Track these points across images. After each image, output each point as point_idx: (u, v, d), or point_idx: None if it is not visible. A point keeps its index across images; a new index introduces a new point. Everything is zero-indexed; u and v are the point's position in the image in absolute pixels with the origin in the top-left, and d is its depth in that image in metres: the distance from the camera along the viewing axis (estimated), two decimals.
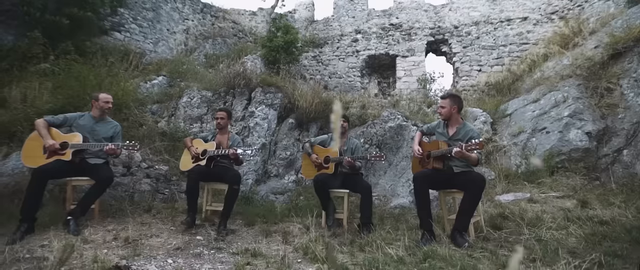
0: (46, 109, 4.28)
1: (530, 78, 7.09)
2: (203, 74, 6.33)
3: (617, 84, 5.39)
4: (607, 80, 5.51)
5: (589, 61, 5.96)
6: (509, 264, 0.84)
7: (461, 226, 2.59)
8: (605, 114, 5.34)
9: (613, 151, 4.88)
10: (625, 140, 4.85)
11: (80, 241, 2.64)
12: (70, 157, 3.08)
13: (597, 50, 6.03)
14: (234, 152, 3.39)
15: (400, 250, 2.32)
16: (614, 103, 5.29)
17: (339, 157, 3.61)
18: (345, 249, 2.64)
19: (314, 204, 4.46)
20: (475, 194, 2.63)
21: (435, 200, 3.91)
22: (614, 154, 4.84)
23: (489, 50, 8.36)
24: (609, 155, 4.91)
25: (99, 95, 3.39)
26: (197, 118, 5.38)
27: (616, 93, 5.33)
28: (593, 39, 6.48)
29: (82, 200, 3.03)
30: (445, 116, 3.10)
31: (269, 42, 8.00)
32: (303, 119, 5.84)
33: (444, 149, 2.97)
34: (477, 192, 2.63)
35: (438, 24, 9.10)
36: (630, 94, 5.11)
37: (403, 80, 8.76)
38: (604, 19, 6.60)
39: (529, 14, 8.44)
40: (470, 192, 2.64)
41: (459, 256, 2.12)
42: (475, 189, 2.63)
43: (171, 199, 4.19)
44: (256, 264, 2.31)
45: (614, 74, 5.48)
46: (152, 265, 2.28)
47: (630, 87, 5.16)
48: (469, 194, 2.64)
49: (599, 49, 6.02)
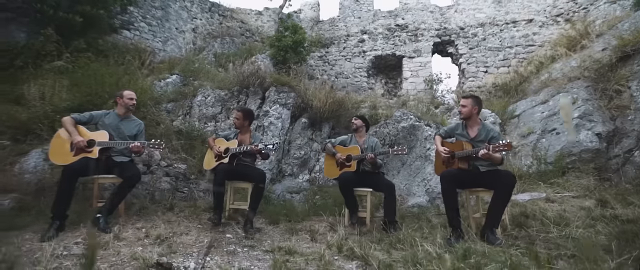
0: (64, 106, 4.27)
1: (537, 79, 7.19)
2: (215, 73, 6.33)
3: (626, 85, 5.49)
4: (616, 82, 5.60)
5: (597, 63, 6.05)
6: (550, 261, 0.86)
7: (492, 224, 2.64)
8: (615, 115, 5.43)
9: (624, 152, 4.97)
10: (636, 141, 4.94)
11: (113, 238, 2.64)
12: (98, 154, 3.08)
13: (605, 53, 6.13)
14: (255, 147, 3.41)
15: (436, 247, 2.35)
16: (623, 105, 5.39)
17: (361, 154, 3.64)
18: (377, 246, 2.67)
19: (331, 203, 4.50)
20: (506, 192, 2.68)
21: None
22: (625, 154, 4.93)
23: (495, 51, 8.45)
24: (620, 155, 5.00)
25: (124, 92, 3.39)
26: (211, 117, 5.38)
27: (625, 95, 5.43)
28: (600, 41, 6.58)
29: (110, 198, 3.03)
30: (465, 115, 3.15)
31: (278, 41, 8.01)
32: (316, 119, 5.87)
33: (469, 150, 3.02)
34: (508, 190, 2.68)
35: (444, 25, 9.18)
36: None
37: (410, 81, 8.82)
38: (611, 22, 6.71)
39: (534, 16, 8.54)
40: (500, 190, 2.69)
41: (496, 253, 2.16)
42: (507, 187, 2.68)
43: (190, 197, 4.20)
44: (295, 261, 2.33)
45: (623, 76, 5.57)
46: (191, 262, 2.29)
47: (639, 89, 5.25)
48: (499, 192, 2.69)
49: (606, 51, 6.12)
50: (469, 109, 3.13)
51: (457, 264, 1.92)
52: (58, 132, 3.15)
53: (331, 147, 3.87)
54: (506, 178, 2.72)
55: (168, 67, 6.01)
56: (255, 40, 9.05)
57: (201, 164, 4.57)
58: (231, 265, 2.29)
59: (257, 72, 5.55)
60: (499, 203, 2.68)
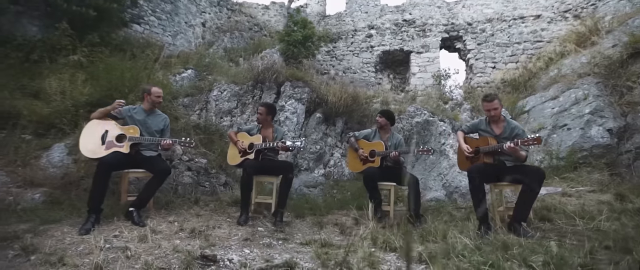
0: (83, 101, 4.27)
1: (546, 75, 7.26)
2: (228, 68, 6.33)
3: (637, 82, 5.56)
4: (627, 79, 5.68)
5: (608, 59, 6.12)
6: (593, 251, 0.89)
7: (521, 217, 2.71)
8: (626, 111, 5.52)
9: (635, 148, 5.06)
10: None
11: (150, 232, 2.67)
12: (129, 149, 3.10)
13: (616, 49, 6.19)
14: (283, 144, 3.44)
15: (470, 239, 2.42)
16: (634, 101, 5.47)
17: (386, 150, 3.69)
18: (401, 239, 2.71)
19: (350, 197, 4.56)
20: (536, 186, 2.74)
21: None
22: (637, 150, 5.02)
23: (503, 47, 8.50)
24: (631, 151, 5.09)
25: (152, 88, 3.41)
26: (227, 112, 5.40)
27: (636, 91, 5.51)
28: (610, 37, 6.65)
29: (142, 193, 3.06)
30: (498, 116, 3.20)
31: (287, 36, 8.00)
32: (330, 114, 5.90)
33: (495, 145, 3.08)
34: (537, 185, 2.74)
35: (451, 21, 9.20)
36: None
37: (418, 76, 8.85)
38: (621, 18, 6.77)
39: (542, 12, 8.58)
40: (530, 185, 2.75)
41: (533, 244, 2.23)
42: (536, 181, 2.74)
43: (212, 192, 4.24)
44: (334, 253, 2.38)
45: (634, 72, 5.65)
46: (234, 255, 2.34)
47: None
48: (528, 186, 2.75)
49: (617, 47, 6.19)
50: (499, 111, 3.19)
51: (499, 254, 1.98)
52: (87, 125, 3.16)
53: (354, 141, 3.91)
54: (536, 173, 2.79)
55: (181, 61, 6.00)
56: (263, 35, 9.02)
57: (221, 158, 4.63)
58: (272, 257, 2.34)
59: (272, 66, 5.56)
60: (528, 197, 2.74)
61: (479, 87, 8.28)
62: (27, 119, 4.02)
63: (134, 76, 4.49)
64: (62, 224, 2.75)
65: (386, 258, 2.27)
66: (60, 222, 2.79)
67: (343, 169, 5.66)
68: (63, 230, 2.64)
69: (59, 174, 3.59)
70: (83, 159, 3.74)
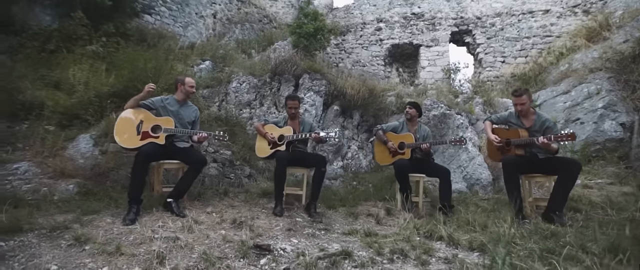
0: (106, 91, 4.22)
1: (557, 70, 7.33)
2: (243, 60, 6.29)
3: None
4: (639, 74, 5.77)
5: (619, 54, 6.20)
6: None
7: (557, 207, 2.77)
8: (638, 106, 5.62)
9: None
10: None
11: (193, 222, 2.68)
12: (164, 140, 3.09)
13: (627, 44, 6.28)
14: (316, 135, 3.45)
15: (513, 228, 2.46)
16: None
17: (416, 142, 3.72)
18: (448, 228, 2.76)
19: (371, 189, 4.60)
20: (573, 178, 2.80)
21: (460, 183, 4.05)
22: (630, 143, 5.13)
23: (513, 41, 8.55)
24: (639, 147, 5.20)
25: (185, 79, 3.39)
26: (246, 104, 5.38)
27: None
28: (621, 33, 6.73)
29: (180, 184, 3.06)
30: (526, 111, 3.25)
31: (299, 28, 7.95)
32: (347, 106, 5.92)
33: (526, 138, 3.13)
34: (574, 176, 2.80)
35: (460, 15, 9.22)
36: None
37: (427, 70, 8.88)
38: (632, 13, 6.84)
39: (551, 7, 8.64)
40: (566, 176, 2.80)
41: (577, 233, 2.28)
42: (574, 173, 2.80)
43: (237, 184, 4.24)
44: (382, 241, 2.41)
45: None
46: (287, 245, 2.36)
47: None
48: (565, 177, 2.81)
49: (629, 43, 6.27)
50: (528, 105, 3.24)
51: (552, 242, 2.03)
52: (122, 115, 3.14)
53: (382, 134, 3.93)
54: (573, 165, 2.85)
55: (195, 53, 5.94)
56: (273, 27, 8.95)
57: (244, 151, 4.63)
58: (324, 246, 2.37)
59: (291, 59, 5.53)
60: (564, 187, 2.80)
61: (488, 81, 8.34)
62: (50, 109, 3.96)
63: (157, 67, 4.44)
64: (102, 215, 2.74)
65: (435, 246, 2.30)
66: (99, 212, 2.78)
67: (361, 161, 5.70)
68: (106, 220, 2.63)
69: (88, 165, 3.56)
70: (111, 150, 3.73)
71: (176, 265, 1.87)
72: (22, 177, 3.24)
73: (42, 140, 3.69)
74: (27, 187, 3.10)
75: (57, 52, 4.85)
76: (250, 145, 4.80)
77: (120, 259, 1.99)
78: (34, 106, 4.00)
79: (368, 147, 5.95)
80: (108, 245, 2.17)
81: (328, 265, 2.00)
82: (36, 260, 1.95)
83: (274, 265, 2.04)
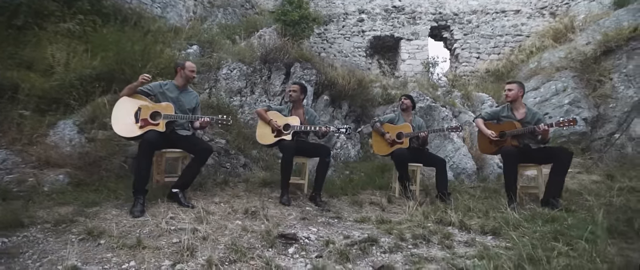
0: (88, 74, 3.91)
1: (527, 67, 7.87)
2: (230, 45, 6.07)
3: (609, 77, 6.27)
4: (600, 74, 6.37)
5: (583, 55, 6.78)
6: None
7: (554, 193, 3.03)
8: (598, 103, 6.22)
9: (607, 135, 5.76)
10: (617, 126, 5.74)
11: (205, 213, 2.61)
12: (164, 128, 2.94)
13: (589, 46, 6.87)
14: (325, 129, 3.46)
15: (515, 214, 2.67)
16: (605, 94, 6.17)
17: (414, 132, 3.86)
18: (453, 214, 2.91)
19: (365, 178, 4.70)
20: (566, 165, 3.07)
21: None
22: (607, 137, 5.73)
23: (487, 39, 9.01)
24: (603, 138, 5.80)
25: (185, 63, 3.22)
26: (237, 91, 5.23)
27: (608, 85, 6.21)
28: (583, 35, 7.34)
29: (185, 173, 2.94)
30: (512, 98, 3.49)
31: (283, 15, 7.78)
32: (337, 97, 5.95)
33: (522, 128, 3.37)
34: (567, 164, 3.07)
35: (439, 10, 9.52)
36: (621, 87, 6.00)
37: (407, 63, 9.13)
38: (593, 18, 7.48)
39: (521, 7, 9.19)
40: (560, 164, 3.07)
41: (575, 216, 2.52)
42: (566, 160, 3.07)
43: (234, 173, 4.15)
44: (398, 228, 2.51)
45: (606, 68, 6.34)
46: (308, 234, 2.38)
47: (620, 80, 6.04)
48: (560, 165, 3.07)
49: (590, 45, 6.87)
50: (515, 93, 3.47)
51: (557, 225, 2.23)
52: (118, 102, 2.94)
53: (379, 126, 4.02)
54: (566, 153, 3.13)
55: (184, 36, 5.63)
56: (255, 13, 8.68)
57: (239, 140, 4.52)
58: (343, 234, 2.41)
59: (284, 46, 5.43)
60: (560, 174, 3.07)
61: (464, 75, 8.75)
62: (25, 93, 3.59)
63: (146, 50, 4.16)
64: (104, 207, 2.58)
65: (451, 231, 2.44)
66: (100, 204, 2.61)
67: (349, 151, 5.78)
68: (111, 212, 2.49)
69: (74, 153, 3.30)
70: (100, 138, 3.48)
71: (209, 257, 1.82)
72: (1, 167, 2.93)
73: (18, 126, 3.35)
74: (9, 177, 2.82)
75: (26, 29, 4.37)
76: (244, 134, 4.70)
77: (144, 252, 1.90)
78: (4, 88, 3.60)
79: (356, 137, 6.05)
80: (125, 238, 2.06)
81: (358, 251, 2.05)
82: (51, 256, 1.81)
83: (304, 254, 2.05)
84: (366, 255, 2.02)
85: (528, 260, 1.56)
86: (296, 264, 1.90)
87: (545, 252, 1.70)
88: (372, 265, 1.86)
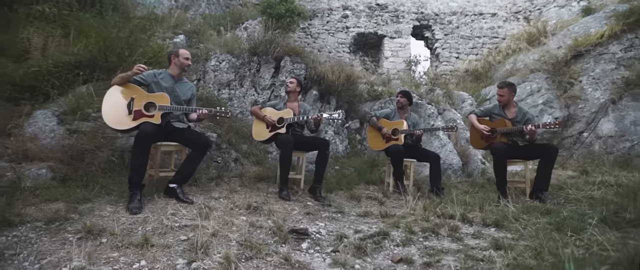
0: (67, 61, 3.63)
1: (503, 68, 8.25)
2: (216, 36, 5.86)
3: (578, 80, 6.71)
4: (570, 76, 6.80)
5: (554, 58, 7.20)
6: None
7: (543, 186, 3.22)
8: (569, 103, 6.65)
9: (577, 133, 6.18)
10: (585, 125, 6.17)
11: (207, 209, 2.51)
12: (160, 119, 2.79)
13: (561, 50, 7.31)
14: (318, 117, 3.44)
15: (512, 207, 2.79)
16: (575, 95, 6.60)
17: (410, 129, 3.93)
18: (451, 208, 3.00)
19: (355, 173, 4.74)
20: (553, 160, 3.27)
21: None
22: (577, 135, 6.14)
23: (466, 39, 9.35)
24: (573, 136, 6.21)
25: (179, 50, 3.07)
26: (226, 84, 5.07)
27: (577, 87, 6.65)
28: (555, 39, 7.80)
29: (184, 168, 2.81)
30: (504, 102, 3.65)
31: (269, 8, 7.63)
32: (325, 92, 5.93)
33: (512, 127, 3.53)
34: (553, 159, 3.27)
35: (421, 10, 9.73)
36: (589, 89, 6.44)
37: (390, 60, 9.27)
38: (563, 24, 7.96)
39: (497, 11, 9.60)
40: (548, 159, 3.26)
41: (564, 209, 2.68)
42: (553, 156, 3.26)
43: (225, 167, 4.03)
44: (404, 222, 2.54)
45: (575, 71, 6.78)
46: (320, 229, 2.36)
47: (589, 83, 6.49)
48: (547, 161, 3.26)
49: (562, 49, 7.31)
50: (506, 98, 3.64)
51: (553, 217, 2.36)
52: (108, 92, 2.74)
53: (376, 121, 4.06)
54: (553, 149, 3.32)
55: (166, 26, 5.35)
56: (239, 4, 8.43)
57: (230, 134, 4.39)
58: (355, 228, 2.41)
59: (273, 39, 5.32)
60: (547, 169, 3.25)
61: (443, 74, 9.03)
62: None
63: (133, 37, 3.91)
64: (96, 203, 2.41)
65: (456, 224, 2.50)
66: (92, 200, 2.44)
67: (337, 146, 5.80)
68: (107, 209, 2.34)
69: (55, 146, 3.06)
70: (83, 130, 3.24)
71: (226, 254, 1.76)
72: None
73: None
74: None
75: None
76: (235, 128, 4.58)
77: (153, 251, 1.80)
78: None
79: (344, 132, 6.08)
80: (129, 236, 1.94)
81: (372, 245, 2.05)
82: (51, 257, 1.67)
83: (318, 249, 2.03)
84: (381, 249, 2.03)
85: (546, 250, 1.64)
86: (314, 260, 1.88)
87: (554, 242, 1.79)
88: (391, 258, 1.88)
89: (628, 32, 6.28)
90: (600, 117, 5.94)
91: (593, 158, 5.44)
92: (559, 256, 1.49)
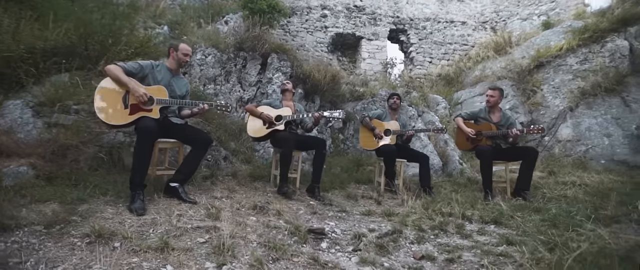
0: (42, 47, 3.28)
1: (473, 74, 8.77)
2: (198, 29, 5.62)
3: (540, 88, 7.32)
4: (533, 84, 7.41)
5: (519, 67, 7.80)
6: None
7: (525, 186, 3.49)
8: (532, 109, 7.24)
9: (539, 137, 6.75)
10: (546, 130, 6.76)
11: (214, 209, 2.42)
12: (158, 114, 2.65)
13: (524, 60, 7.94)
14: (320, 115, 3.46)
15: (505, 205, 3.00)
16: (537, 102, 7.20)
17: (401, 130, 4.06)
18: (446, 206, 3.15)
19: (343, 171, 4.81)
20: (533, 162, 3.55)
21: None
22: (539, 139, 6.71)
23: (439, 45, 9.80)
24: (536, 140, 6.77)
25: (179, 44, 2.90)
26: (212, 79, 4.88)
27: (539, 95, 7.26)
28: (519, 50, 8.45)
29: (186, 166, 2.68)
30: (493, 104, 3.91)
31: (251, 3, 7.44)
32: (310, 91, 5.93)
33: (497, 131, 3.79)
34: (534, 160, 3.55)
35: (397, 14, 10.04)
36: (549, 96, 7.06)
37: (367, 62, 9.46)
38: (526, 35, 8.64)
39: (467, 20, 10.18)
40: (529, 161, 3.54)
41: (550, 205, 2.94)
42: (533, 158, 3.54)
43: (216, 165, 3.89)
44: (411, 219, 2.64)
45: (537, 80, 7.40)
46: (335, 228, 2.37)
47: (549, 91, 7.11)
48: (528, 162, 3.54)
49: (525, 59, 7.94)
50: (496, 99, 3.90)
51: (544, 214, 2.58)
52: (101, 84, 2.54)
53: (369, 121, 4.15)
54: (533, 151, 3.61)
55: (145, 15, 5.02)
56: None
57: (219, 132, 4.25)
58: (369, 226, 2.46)
59: (262, 35, 5.22)
60: (528, 170, 3.53)
61: (417, 78, 9.40)
62: None
63: (118, 25, 3.63)
64: (94, 204, 2.23)
65: (461, 222, 2.64)
66: (88, 201, 2.25)
67: None
68: (107, 210, 2.17)
69: (32, 140, 2.77)
70: (64, 123, 2.97)
71: (257, 257, 1.71)
72: None
73: None
74: None
75: None
76: (224, 125, 4.44)
77: (175, 254, 1.71)
78: None
79: (327, 131, 6.13)
80: (144, 239, 1.82)
81: (390, 242, 2.11)
82: (63, 264, 1.52)
83: (338, 248, 2.05)
84: (399, 247, 2.09)
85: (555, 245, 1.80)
86: (340, 259, 1.89)
87: (559, 237, 1.96)
88: (413, 255, 1.94)
89: (583, 46, 6.97)
90: (560, 123, 6.54)
91: (554, 160, 5.97)
92: (574, 249, 1.65)
